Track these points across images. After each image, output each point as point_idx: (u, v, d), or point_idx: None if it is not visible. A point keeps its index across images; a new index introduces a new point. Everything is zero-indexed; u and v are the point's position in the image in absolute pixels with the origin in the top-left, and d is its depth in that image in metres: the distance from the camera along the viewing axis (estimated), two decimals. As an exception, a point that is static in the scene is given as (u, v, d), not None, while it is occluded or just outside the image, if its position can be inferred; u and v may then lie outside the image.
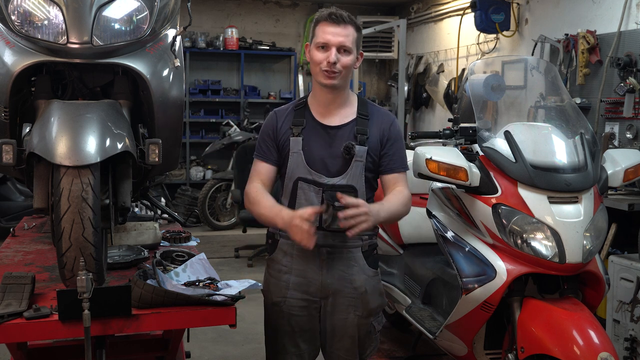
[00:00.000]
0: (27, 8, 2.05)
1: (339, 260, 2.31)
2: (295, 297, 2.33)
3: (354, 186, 2.27)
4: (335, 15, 2.24)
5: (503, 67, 3.73)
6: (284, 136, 2.32)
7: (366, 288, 2.34)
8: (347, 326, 2.34)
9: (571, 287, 2.70)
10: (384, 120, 2.37)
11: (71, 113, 2.05)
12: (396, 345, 4.10)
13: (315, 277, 2.31)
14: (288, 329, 2.35)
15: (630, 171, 2.83)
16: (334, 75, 2.24)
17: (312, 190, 2.27)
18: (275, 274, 2.36)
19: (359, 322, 2.35)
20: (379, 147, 2.33)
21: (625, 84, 4.60)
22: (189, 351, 3.32)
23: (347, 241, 2.29)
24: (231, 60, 8.95)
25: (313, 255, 2.29)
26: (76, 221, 1.94)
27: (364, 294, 2.34)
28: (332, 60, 2.21)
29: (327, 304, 2.33)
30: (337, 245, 2.30)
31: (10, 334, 1.91)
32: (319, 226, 2.24)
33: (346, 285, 2.32)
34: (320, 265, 2.30)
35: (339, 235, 2.26)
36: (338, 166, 2.28)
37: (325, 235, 2.26)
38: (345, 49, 2.24)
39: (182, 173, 8.52)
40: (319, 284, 2.31)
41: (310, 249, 2.13)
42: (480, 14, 6.28)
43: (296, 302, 2.33)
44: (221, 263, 6.28)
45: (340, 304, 2.33)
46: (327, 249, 2.29)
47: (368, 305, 2.35)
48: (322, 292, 2.32)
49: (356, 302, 2.33)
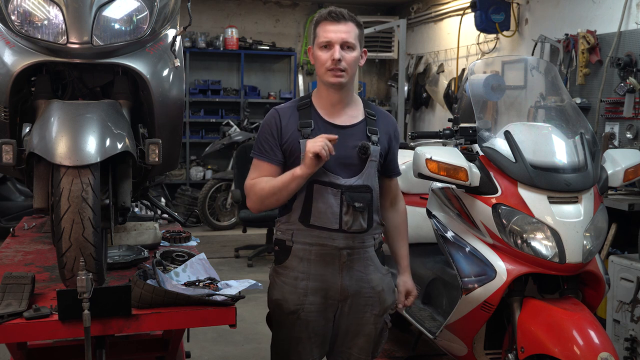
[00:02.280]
0: (27, 8, 2.05)
1: (357, 261, 2.30)
2: (314, 303, 2.28)
3: (370, 186, 2.26)
4: (335, 13, 2.22)
5: (503, 67, 3.73)
6: (291, 137, 2.25)
7: (383, 287, 2.35)
8: (363, 325, 2.34)
9: (571, 287, 2.70)
10: (389, 122, 2.39)
11: (71, 113, 2.05)
12: (396, 345, 4.10)
13: (335, 281, 2.28)
14: (304, 335, 2.31)
15: (630, 171, 2.83)
16: (341, 74, 2.21)
17: (329, 193, 2.22)
18: (291, 282, 2.28)
19: (375, 320, 2.35)
20: (387, 148, 2.34)
21: (625, 84, 4.60)
22: (189, 351, 3.32)
23: (365, 241, 2.30)
24: (231, 60, 8.95)
25: (332, 258, 2.26)
26: (76, 221, 1.93)
27: (381, 292, 2.34)
28: (336, 57, 2.18)
29: (345, 305, 2.31)
30: (356, 246, 2.29)
31: (10, 334, 1.91)
32: (339, 228, 2.23)
33: (364, 286, 2.31)
34: (340, 268, 2.27)
35: (358, 237, 2.27)
36: (353, 166, 2.26)
37: (346, 237, 2.25)
38: (348, 45, 2.21)
39: (182, 173, 8.52)
40: (339, 287, 2.28)
41: (332, 153, 2.12)
42: (480, 14, 6.28)
43: (314, 307, 2.28)
44: (221, 263, 6.28)
45: (357, 304, 2.32)
46: (348, 250, 2.27)
47: (384, 303, 2.36)
48: (342, 295, 2.29)
49: (373, 302, 2.33)
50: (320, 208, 2.23)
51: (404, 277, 2.49)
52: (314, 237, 2.25)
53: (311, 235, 2.25)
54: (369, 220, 2.26)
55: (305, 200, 2.24)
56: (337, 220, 2.22)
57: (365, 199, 2.23)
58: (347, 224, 2.22)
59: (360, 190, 2.23)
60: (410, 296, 2.48)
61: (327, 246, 2.25)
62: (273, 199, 2.22)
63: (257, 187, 2.24)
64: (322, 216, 2.23)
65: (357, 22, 2.26)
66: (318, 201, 2.23)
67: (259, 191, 2.24)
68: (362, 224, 2.24)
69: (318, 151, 2.08)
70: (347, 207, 2.21)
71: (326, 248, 2.25)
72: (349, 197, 2.20)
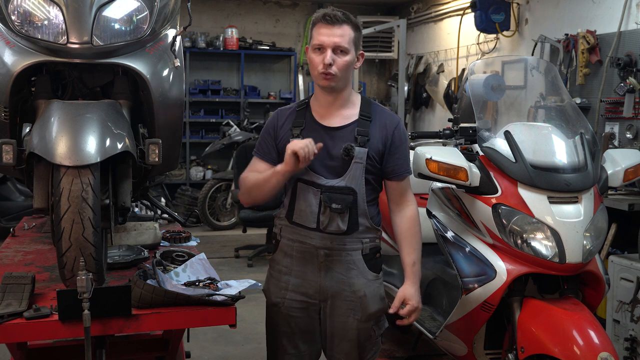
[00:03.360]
0: (27, 8, 2.05)
1: (338, 263, 2.28)
2: (294, 299, 2.32)
3: (353, 188, 2.24)
4: (329, 16, 2.20)
5: (503, 67, 3.73)
6: (284, 136, 2.30)
7: (365, 292, 2.30)
8: (347, 330, 2.32)
9: (571, 287, 2.70)
10: (389, 122, 2.33)
11: (71, 113, 2.05)
12: (396, 345, 4.10)
13: (314, 279, 2.30)
14: (287, 329, 2.34)
15: (630, 171, 2.83)
16: (331, 77, 2.21)
17: (310, 192, 2.25)
18: (276, 275, 2.35)
19: (358, 326, 2.32)
20: (382, 149, 2.30)
21: (625, 84, 4.60)
22: (189, 351, 3.32)
23: (345, 244, 2.27)
24: (231, 60, 8.95)
25: (311, 256, 2.28)
26: (76, 221, 1.94)
27: (362, 297, 2.30)
28: (327, 61, 2.18)
29: (327, 306, 2.32)
30: (335, 247, 2.27)
31: (10, 334, 1.91)
32: (317, 228, 2.24)
33: (344, 289, 2.29)
34: (318, 268, 2.29)
35: (337, 238, 2.26)
36: (337, 168, 2.25)
37: (323, 237, 2.25)
38: (341, 49, 2.20)
39: (182, 173, 8.52)
40: (318, 287, 2.30)
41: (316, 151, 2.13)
42: (480, 14, 6.28)
43: (295, 303, 2.32)
44: (221, 263, 6.28)
45: (339, 307, 2.31)
46: (325, 251, 2.27)
47: (367, 309, 2.32)
48: (321, 295, 2.31)
49: (355, 306, 2.30)
50: (301, 206, 2.27)
51: (405, 284, 2.35)
52: (295, 234, 2.30)
53: (293, 232, 2.30)
54: (350, 222, 2.24)
55: (291, 197, 2.30)
56: (315, 220, 2.25)
57: (344, 201, 2.22)
58: (322, 223, 2.24)
59: (341, 192, 2.22)
60: (408, 305, 2.31)
61: (306, 244, 2.28)
62: (257, 192, 2.29)
63: (246, 179, 2.32)
64: (302, 214, 2.27)
65: (353, 24, 2.23)
66: (300, 199, 2.27)
67: (247, 183, 2.31)
68: (340, 225, 2.23)
69: (297, 150, 2.11)
70: (324, 208, 2.23)
71: (305, 246, 2.29)
72: (327, 198, 2.21)
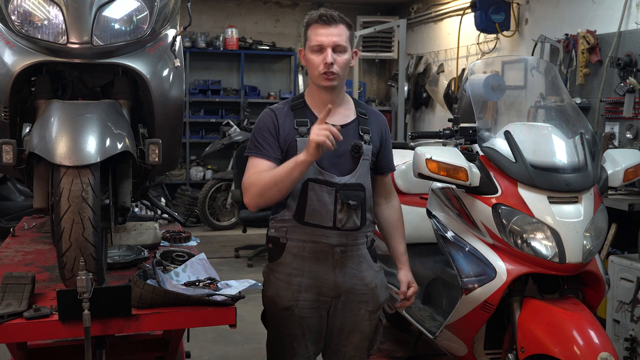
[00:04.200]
0: (27, 8, 2.05)
1: (351, 259, 2.33)
2: (308, 299, 2.31)
3: (363, 184, 2.30)
4: (326, 16, 2.23)
5: (503, 67, 3.73)
6: (288, 136, 2.27)
7: (376, 283, 2.38)
8: (358, 322, 2.36)
9: (571, 287, 2.70)
10: (380, 121, 2.43)
11: (71, 113, 2.05)
12: (396, 345, 4.10)
13: (328, 278, 2.31)
14: (299, 331, 2.33)
15: (630, 171, 2.83)
16: (333, 77, 2.24)
17: (324, 191, 2.25)
18: (284, 278, 2.31)
19: (370, 317, 2.38)
20: (379, 146, 2.39)
21: (625, 84, 4.60)
22: (189, 351, 3.32)
23: (358, 239, 2.33)
24: (231, 60, 8.95)
25: (326, 255, 2.29)
26: (76, 221, 1.93)
27: (374, 289, 2.37)
28: (329, 60, 2.21)
29: (338, 302, 2.34)
30: (349, 244, 2.31)
31: (10, 334, 1.91)
32: (333, 226, 2.26)
33: (357, 283, 2.34)
34: (333, 265, 2.30)
35: (351, 234, 2.30)
36: (347, 165, 2.28)
37: (340, 235, 2.28)
38: (340, 48, 2.24)
39: (182, 173, 8.52)
40: (332, 284, 2.31)
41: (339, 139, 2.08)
42: (480, 14, 6.28)
43: (308, 304, 2.31)
44: (221, 263, 6.28)
45: (351, 301, 2.34)
46: (341, 248, 2.29)
47: (378, 299, 2.39)
48: (335, 292, 2.32)
49: (367, 298, 2.36)
50: (315, 206, 2.25)
51: (404, 270, 2.49)
52: (308, 234, 2.28)
53: (305, 233, 2.28)
54: (362, 218, 2.30)
55: (300, 197, 2.26)
56: (332, 218, 2.25)
57: (359, 197, 2.27)
58: (341, 221, 2.26)
59: (354, 189, 2.27)
60: (412, 287, 2.47)
61: (321, 243, 2.28)
62: (274, 190, 2.16)
63: (257, 179, 2.19)
64: (316, 214, 2.26)
65: (347, 24, 2.28)
66: (313, 199, 2.25)
67: (259, 182, 2.18)
68: (356, 221, 2.28)
69: (322, 141, 2.04)
70: (341, 205, 2.24)
71: (320, 245, 2.28)
72: (344, 195, 2.24)
